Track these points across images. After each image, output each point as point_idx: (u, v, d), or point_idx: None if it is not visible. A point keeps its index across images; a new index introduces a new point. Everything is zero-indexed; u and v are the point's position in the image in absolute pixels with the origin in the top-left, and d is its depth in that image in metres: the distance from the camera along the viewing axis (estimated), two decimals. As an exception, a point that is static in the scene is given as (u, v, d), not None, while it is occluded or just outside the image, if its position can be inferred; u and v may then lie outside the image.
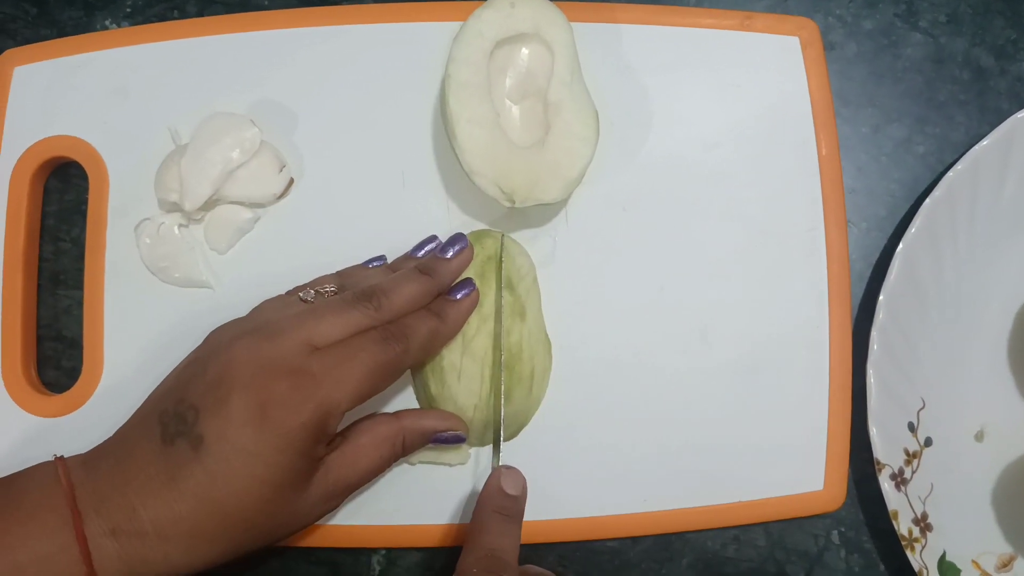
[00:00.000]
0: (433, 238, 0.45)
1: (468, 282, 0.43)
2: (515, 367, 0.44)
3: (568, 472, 0.45)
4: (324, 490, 0.37)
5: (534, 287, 0.46)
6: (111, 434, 0.44)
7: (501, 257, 0.44)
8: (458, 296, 0.42)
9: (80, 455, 0.37)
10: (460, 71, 0.43)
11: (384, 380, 0.39)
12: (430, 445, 0.43)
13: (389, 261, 0.45)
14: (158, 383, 0.39)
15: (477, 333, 0.43)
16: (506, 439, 0.45)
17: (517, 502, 0.40)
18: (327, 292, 0.41)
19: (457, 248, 0.43)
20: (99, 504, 0.34)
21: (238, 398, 0.35)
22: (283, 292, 0.43)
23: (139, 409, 0.38)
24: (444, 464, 0.45)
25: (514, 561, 0.37)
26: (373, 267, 0.44)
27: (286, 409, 0.35)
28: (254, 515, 0.35)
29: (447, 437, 0.42)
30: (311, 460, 0.36)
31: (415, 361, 0.41)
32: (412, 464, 0.45)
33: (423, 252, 0.44)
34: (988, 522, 0.46)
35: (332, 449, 0.38)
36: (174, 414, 0.35)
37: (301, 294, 0.41)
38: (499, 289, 0.44)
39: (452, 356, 0.43)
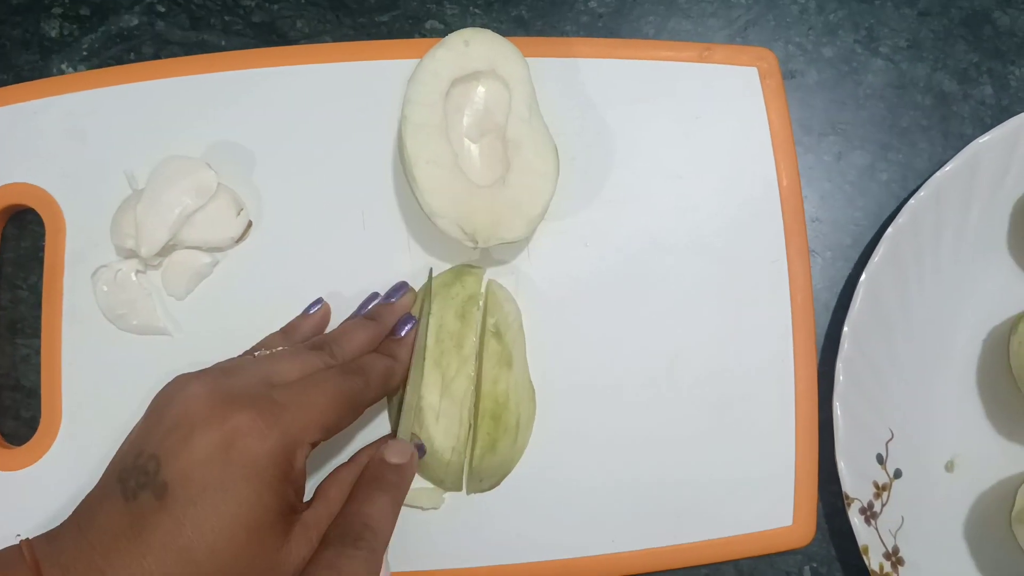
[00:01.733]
0: (375, 295, 0.45)
1: (408, 317, 0.43)
2: (501, 416, 0.43)
3: (533, 514, 0.45)
4: (308, 550, 0.36)
5: (520, 334, 0.45)
6: (70, 484, 0.44)
7: (483, 291, 0.44)
8: (403, 333, 0.42)
9: (44, 533, 0.35)
10: (416, 112, 0.42)
11: (347, 413, 0.38)
12: None
13: (351, 301, 0.45)
14: (117, 432, 0.38)
15: (457, 375, 0.43)
16: (488, 489, 0.45)
17: (399, 472, 0.40)
18: (278, 351, 0.40)
19: (400, 293, 0.44)
20: (65, 574, 0.32)
21: (200, 435, 0.34)
22: (242, 338, 0.43)
23: (100, 479, 0.36)
24: (417, 507, 0.44)
25: (378, 527, 0.37)
26: (314, 313, 0.44)
27: (251, 437, 0.34)
28: (228, 564, 0.34)
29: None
30: (283, 500, 0.35)
31: (375, 398, 0.40)
32: None
33: (367, 311, 0.44)
34: (960, 555, 0.46)
35: (307, 507, 0.37)
36: (134, 468, 0.34)
37: (256, 354, 0.40)
38: (483, 329, 0.43)
39: (431, 397, 0.42)
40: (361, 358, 0.40)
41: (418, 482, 0.45)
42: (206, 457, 0.33)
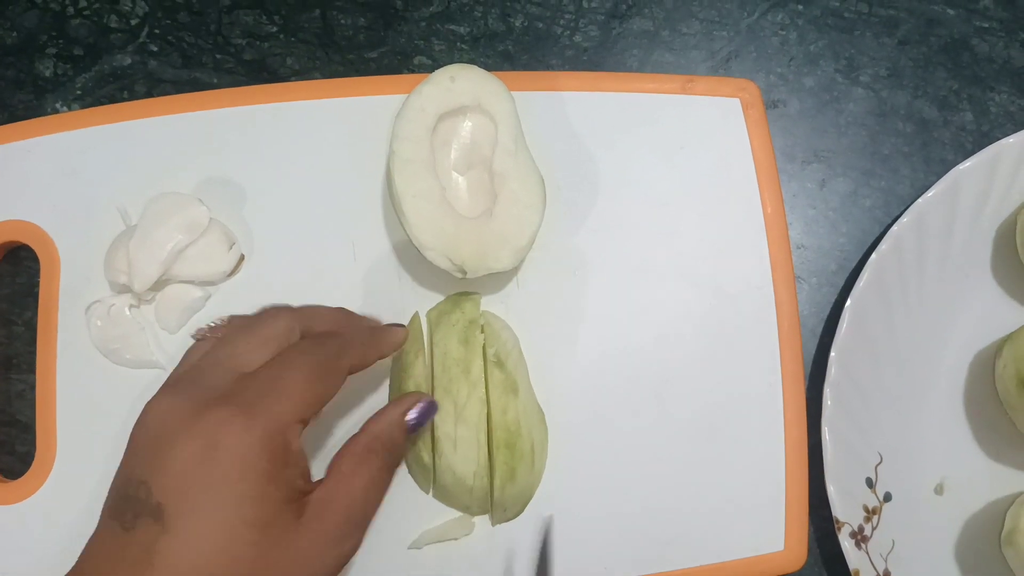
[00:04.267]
0: None
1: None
2: (516, 444, 0.43)
3: (522, 543, 0.45)
4: (325, 526, 0.34)
5: (521, 360, 0.45)
6: (66, 518, 0.44)
7: (482, 320, 0.44)
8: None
9: None
10: (403, 147, 0.43)
11: (329, 383, 0.36)
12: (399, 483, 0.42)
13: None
14: (113, 465, 0.38)
15: (468, 400, 0.43)
16: (513, 517, 0.45)
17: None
18: (219, 323, 0.39)
19: (395, 325, 0.43)
20: None
21: (181, 445, 0.32)
22: None
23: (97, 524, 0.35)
24: (450, 539, 0.44)
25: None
26: None
27: (234, 433, 0.32)
28: (246, 563, 0.32)
29: (421, 410, 0.40)
30: (286, 487, 0.33)
31: (359, 361, 0.38)
32: (419, 548, 0.44)
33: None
34: (951, 577, 0.46)
35: (318, 485, 0.36)
36: (126, 499, 0.32)
37: (193, 335, 0.39)
38: (484, 359, 0.44)
39: (446, 426, 0.42)
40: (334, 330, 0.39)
41: (446, 512, 0.45)
42: (193, 465, 0.32)
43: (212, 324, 0.39)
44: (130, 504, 0.32)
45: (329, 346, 0.37)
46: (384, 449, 0.37)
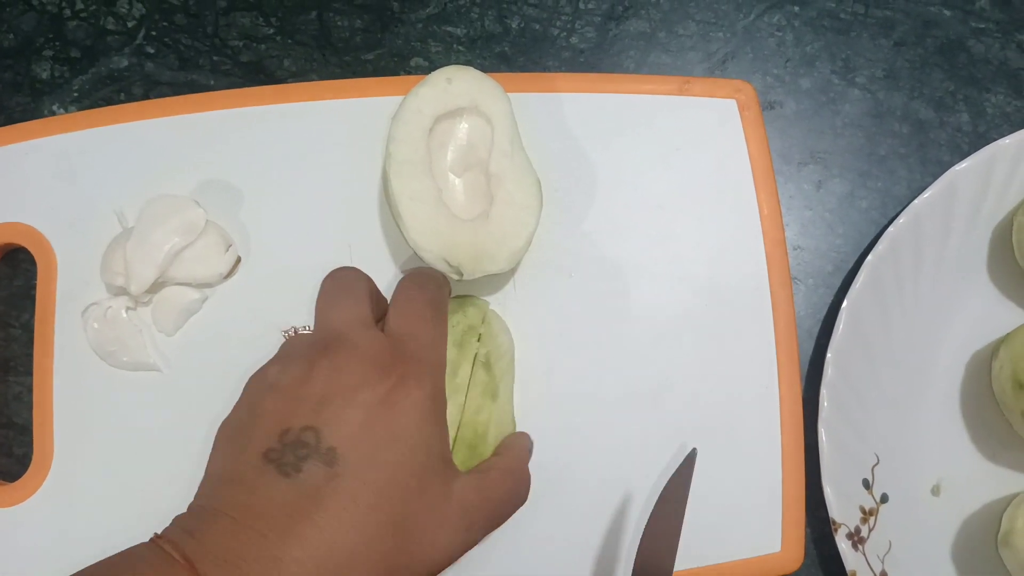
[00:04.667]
0: None
1: None
2: (478, 447, 0.43)
3: (520, 547, 0.45)
4: (463, 506, 0.35)
5: (510, 367, 0.45)
6: (63, 520, 0.44)
7: (482, 327, 0.44)
8: None
9: (176, 528, 0.31)
10: (400, 149, 0.43)
11: (446, 320, 0.40)
12: None
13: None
14: (109, 467, 0.38)
15: (447, 403, 0.43)
16: None
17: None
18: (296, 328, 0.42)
19: None
20: (232, 571, 0.29)
21: (362, 398, 0.33)
22: (231, 373, 0.42)
23: (212, 475, 0.34)
24: None
25: None
26: None
27: (411, 386, 0.34)
28: (404, 521, 0.33)
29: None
30: (444, 443, 0.36)
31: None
32: None
33: None
34: (948, 578, 0.46)
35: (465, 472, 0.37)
36: (287, 445, 0.32)
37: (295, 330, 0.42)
38: (474, 357, 0.44)
39: None
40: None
41: None
42: (373, 417, 0.33)
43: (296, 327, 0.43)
44: (297, 447, 0.32)
45: (428, 287, 0.40)
46: (524, 469, 0.41)
